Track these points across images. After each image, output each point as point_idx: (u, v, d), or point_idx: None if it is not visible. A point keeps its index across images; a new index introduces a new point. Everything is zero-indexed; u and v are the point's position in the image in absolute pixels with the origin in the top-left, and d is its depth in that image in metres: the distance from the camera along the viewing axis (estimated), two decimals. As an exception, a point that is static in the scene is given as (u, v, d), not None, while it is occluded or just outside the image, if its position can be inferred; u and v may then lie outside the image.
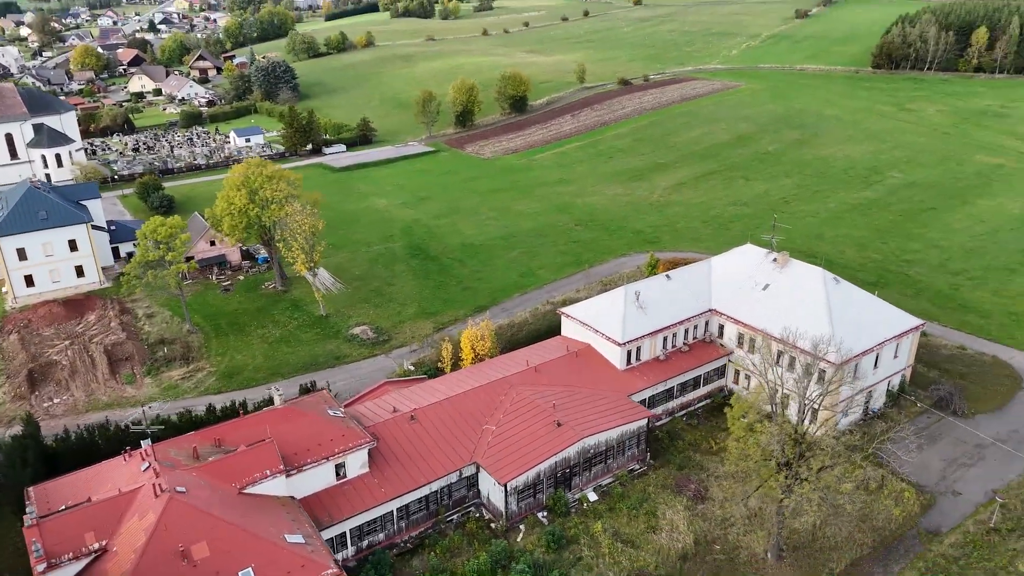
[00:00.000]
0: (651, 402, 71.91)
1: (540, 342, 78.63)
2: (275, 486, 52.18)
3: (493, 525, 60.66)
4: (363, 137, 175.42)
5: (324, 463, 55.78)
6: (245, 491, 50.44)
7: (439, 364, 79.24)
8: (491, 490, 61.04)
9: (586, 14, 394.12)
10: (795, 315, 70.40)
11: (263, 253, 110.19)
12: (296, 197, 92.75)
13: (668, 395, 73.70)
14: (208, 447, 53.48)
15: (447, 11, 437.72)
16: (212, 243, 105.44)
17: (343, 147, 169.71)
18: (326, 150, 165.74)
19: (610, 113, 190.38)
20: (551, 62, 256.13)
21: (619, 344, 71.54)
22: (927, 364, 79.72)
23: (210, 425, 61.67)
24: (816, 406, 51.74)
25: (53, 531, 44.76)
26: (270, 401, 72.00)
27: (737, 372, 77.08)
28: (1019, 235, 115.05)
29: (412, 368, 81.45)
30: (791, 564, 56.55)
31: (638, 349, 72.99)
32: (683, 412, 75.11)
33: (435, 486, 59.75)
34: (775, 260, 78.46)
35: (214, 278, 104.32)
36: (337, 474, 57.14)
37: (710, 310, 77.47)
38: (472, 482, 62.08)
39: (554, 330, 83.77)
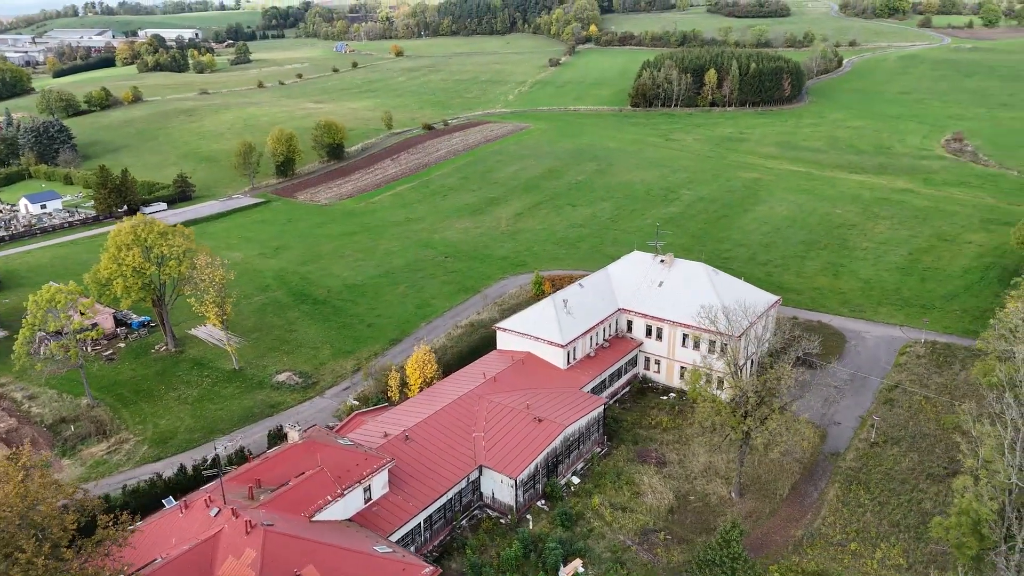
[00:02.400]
0: (592, 393, 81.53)
1: (482, 357, 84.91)
2: (336, 510, 53.62)
3: (503, 521, 65.97)
4: (182, 194, 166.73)
5: (357, 487, 57.76)
6: (314, 519, 51.44)
7: (387, 393, 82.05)
8: (496, 488, 66.45)
9: (355, 65, 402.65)
10: (690, 303, 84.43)
11: (135, 318, 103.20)
12: (195, 251, 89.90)
13: (602, 386, 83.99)
14: (254, 487, 53.20)
15: (202, 65, 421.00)
16: (81, 312, 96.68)
17: (164, 205, 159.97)
18: (145, 210, 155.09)
19: (427, 156, 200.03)
20: (345, 111, 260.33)
21: (561, 346, 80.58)
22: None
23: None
24: (756, 363, 64.96)
25: (152, 588, 43.09)
26: (241, 451, 70.92)
27: (647, 359, 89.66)
28: (795, 230, 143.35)
29: (356, 403, 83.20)
30: (751, 497, 69.15)
31: (575, 349, 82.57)
32: (613, 400, 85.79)
33: (450, 494, 63.96)
34: (663, 261, 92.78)
35: (89, 349, 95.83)
36: (364, 497, 59.21)
37: (619, 309, 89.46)
38: (476, 486, 66.95)
39: (477, 349, 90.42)
